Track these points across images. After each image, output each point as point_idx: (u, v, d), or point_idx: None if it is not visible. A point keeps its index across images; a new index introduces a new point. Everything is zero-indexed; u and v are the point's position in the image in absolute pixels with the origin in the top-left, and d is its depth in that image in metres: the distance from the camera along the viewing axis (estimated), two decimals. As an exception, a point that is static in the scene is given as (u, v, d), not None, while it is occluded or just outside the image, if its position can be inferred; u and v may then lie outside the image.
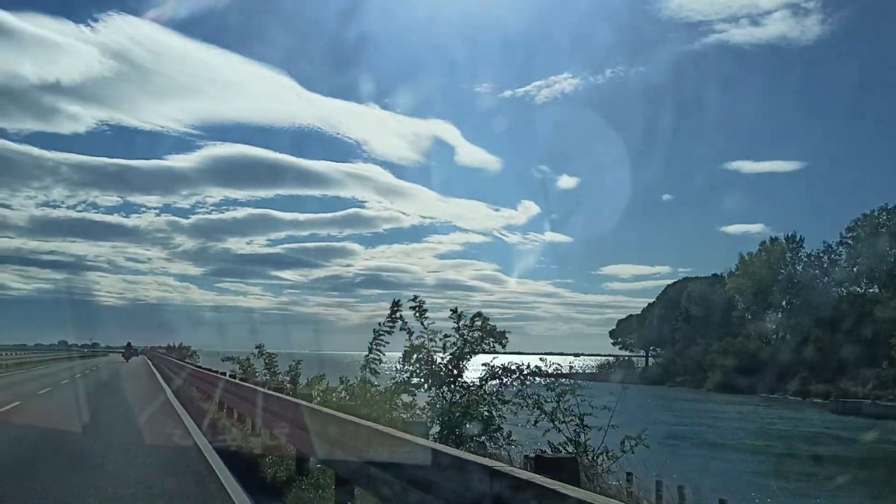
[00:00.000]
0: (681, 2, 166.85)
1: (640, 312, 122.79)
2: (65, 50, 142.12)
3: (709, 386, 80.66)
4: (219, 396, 17.93)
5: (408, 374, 12.89)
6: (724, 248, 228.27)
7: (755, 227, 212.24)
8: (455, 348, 12.60)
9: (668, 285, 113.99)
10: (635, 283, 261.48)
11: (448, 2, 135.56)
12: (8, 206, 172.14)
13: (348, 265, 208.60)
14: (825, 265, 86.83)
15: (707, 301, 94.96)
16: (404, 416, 11.59)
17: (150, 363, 63.64)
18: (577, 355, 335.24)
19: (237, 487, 8.45)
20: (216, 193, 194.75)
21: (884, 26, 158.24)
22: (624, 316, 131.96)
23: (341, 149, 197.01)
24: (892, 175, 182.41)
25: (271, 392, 12.50)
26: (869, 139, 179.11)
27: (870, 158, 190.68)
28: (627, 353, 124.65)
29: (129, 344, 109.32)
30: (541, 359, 12.69)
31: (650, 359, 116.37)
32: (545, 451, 8.34)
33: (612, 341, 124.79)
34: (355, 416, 7.47)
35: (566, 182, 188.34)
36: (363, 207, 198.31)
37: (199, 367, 31.15)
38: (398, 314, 13.38)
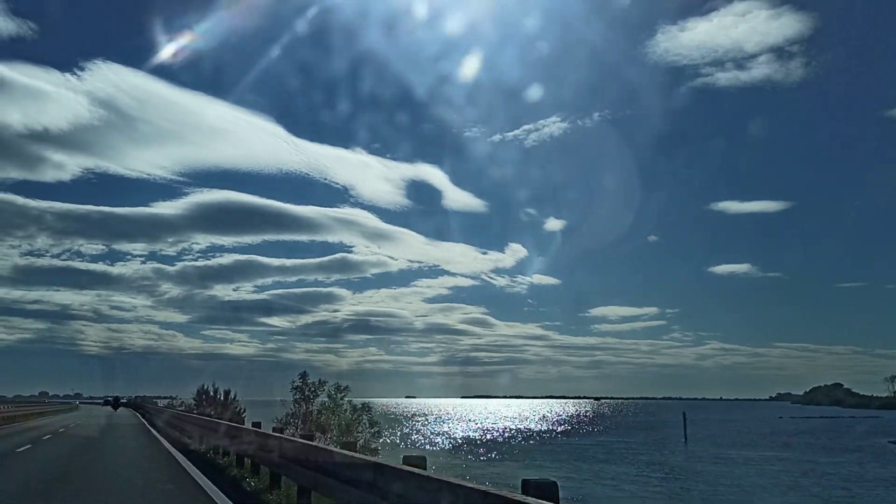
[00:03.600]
0: (667, 46, 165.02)
1: None
2: (53, 99, 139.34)
3: None
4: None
5: None
6: (712, 287, 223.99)
7: (742, 267, 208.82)
8: None
9: None
10: (623, 324, 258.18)
11: (437, 47, 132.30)
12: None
13: (336, 310, 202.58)
14: None
15: None
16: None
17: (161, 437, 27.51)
18: (597, 399, 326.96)
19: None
20: (202, 240, 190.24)
21: (866, 68, 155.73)
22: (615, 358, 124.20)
23: (328, 194, 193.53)
24: (878, 212, 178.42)
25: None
26: (854, 178, 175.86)
27: (856, 197, 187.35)
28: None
29: (116, 397, 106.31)
30: None
31: None
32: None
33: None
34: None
35: (553, 224, 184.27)
36: (350, 252, 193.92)
37: None
38: None
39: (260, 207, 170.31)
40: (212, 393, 35.79)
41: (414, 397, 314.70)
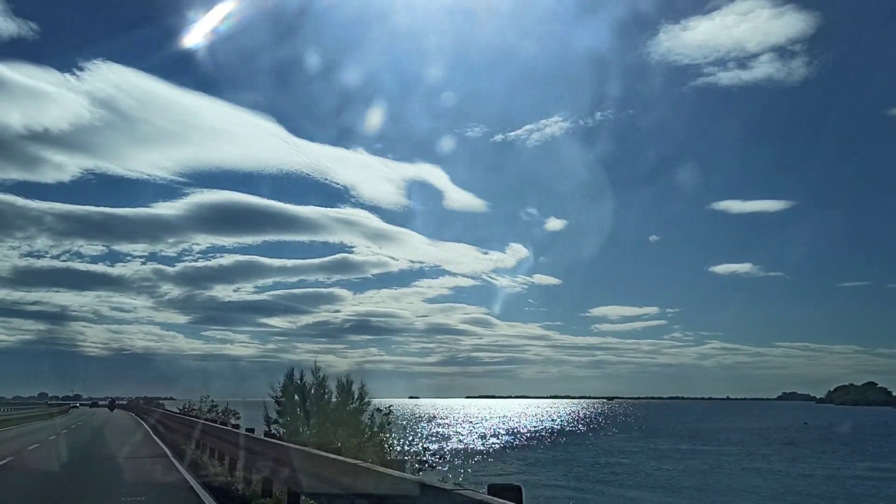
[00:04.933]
0: (669, 46, 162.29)
1: None
2: (54, 99, 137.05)
3: None
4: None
5: None
6: (713, 287, 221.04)
7: (744, 267, 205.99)
8: None
9: None
10: (624, 324, 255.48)
11: (440, 47, 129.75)
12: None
13: (336, 311, 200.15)
14: None
15: None
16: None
17: None
18: (610, 399, 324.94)
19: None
20: (203, 241, 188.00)
21: (868, 67, 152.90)
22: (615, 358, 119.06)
23: (329, 194, 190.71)
24: (880, 211, 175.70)
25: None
26: (856, 177, 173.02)
27: (857, 196, 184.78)
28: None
29: (113, 399, 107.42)
30: None
31: None
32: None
33: None
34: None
35: (554, 224, 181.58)
36: (351, 252, 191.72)
37: None
38: None
39: (260, 208, 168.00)
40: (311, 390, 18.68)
41: (417, 398, 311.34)
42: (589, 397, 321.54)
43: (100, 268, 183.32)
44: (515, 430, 79.93)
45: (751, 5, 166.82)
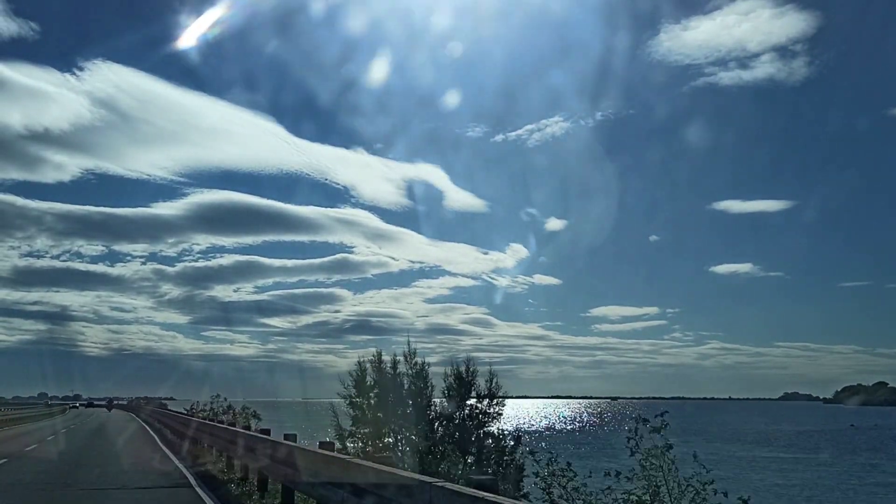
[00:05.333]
0: (670, 46, 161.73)
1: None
2: (54, 99, 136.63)
3: None
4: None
5: None
6: (713, 287, 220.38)
7: (744, 267, 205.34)
8: None
9: None
10: (624, 324, 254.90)
11: (441, 46, 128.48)
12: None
13: (336, 311, 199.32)
14: None
15: None
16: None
17: None
18: (613, 399, 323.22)
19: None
20: (202, 241, 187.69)
21: (869, 66, 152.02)
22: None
23: (329, 194, 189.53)
24: (880, 211, 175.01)
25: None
26: (856, 177, 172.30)
27: (858, 196, 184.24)
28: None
29: (110, 399, 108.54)
30: None
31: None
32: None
33: None
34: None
35: (554, 224, 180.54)
36: (351, 253, 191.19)
37: None
38: None
39: (260, 208, 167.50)
40: None
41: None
42: (590, 397, 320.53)
43: (100, 268, 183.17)
44: (547, 433, 71.79)
45: (751, 5, 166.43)
